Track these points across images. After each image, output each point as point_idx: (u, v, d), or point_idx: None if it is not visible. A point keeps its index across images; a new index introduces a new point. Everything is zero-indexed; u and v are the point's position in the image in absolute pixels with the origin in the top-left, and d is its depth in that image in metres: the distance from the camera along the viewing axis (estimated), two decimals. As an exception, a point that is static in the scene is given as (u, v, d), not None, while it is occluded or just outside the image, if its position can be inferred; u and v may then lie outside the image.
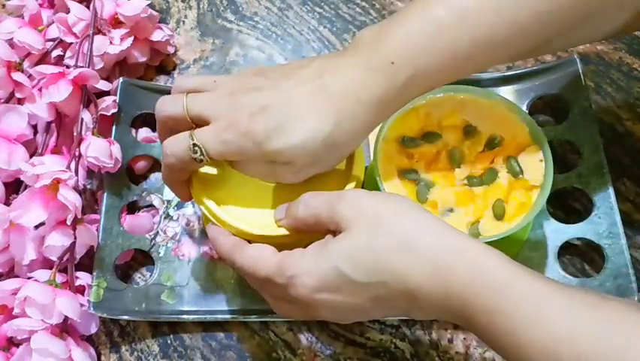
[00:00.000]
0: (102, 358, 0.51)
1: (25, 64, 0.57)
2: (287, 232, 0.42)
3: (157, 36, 0.62)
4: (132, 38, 0.59)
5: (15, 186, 0.53)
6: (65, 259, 0.49)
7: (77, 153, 0.53)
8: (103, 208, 0.54)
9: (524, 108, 0.56)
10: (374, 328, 0.51)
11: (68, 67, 0.57)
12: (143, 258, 0.55)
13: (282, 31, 0.65)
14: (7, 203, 0.52)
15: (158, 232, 0.55)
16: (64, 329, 0.48)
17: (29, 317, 0.46)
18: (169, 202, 0.56)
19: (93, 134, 0.54)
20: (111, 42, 0.58)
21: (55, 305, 0.47)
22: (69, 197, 0.48)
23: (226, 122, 0.40)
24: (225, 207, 0.45)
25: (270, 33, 0.65)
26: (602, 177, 0.52)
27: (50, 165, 0.50)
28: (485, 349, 0.50)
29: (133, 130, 0.59)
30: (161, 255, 0.54)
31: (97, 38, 0.58)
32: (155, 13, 0.63)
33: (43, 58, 0.58)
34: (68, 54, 0.59)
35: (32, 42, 0.56)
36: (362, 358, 0.50)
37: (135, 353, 0.51)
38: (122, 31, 0.59)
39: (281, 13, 0.67)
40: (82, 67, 0.56)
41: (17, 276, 0.51)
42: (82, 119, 0.54)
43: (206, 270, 0.53)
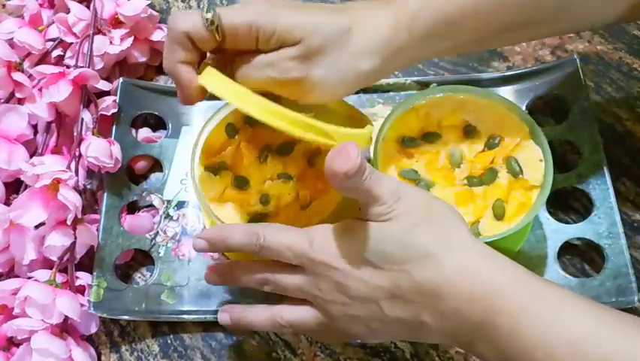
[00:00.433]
0: (102, 358, 0.51)
1: (25, 64, 0.57)
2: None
3: (157, 36, 0.62)
4: (132, 38, 0.59)
5: (15, 186, 0.54)
6: (65, 259, 0.49)
7: (77, 153, 0.53)
8: (103, 208, 0.54)
9: (524, 108, 0.56)
10: (374, 328, 0.51)
11: (68, 67, 0.57)
12: (143, 258, 0.55)
13: (282, 31, 0.65)
14: (7, 203, 0.52)
15: (158, 232, 0.55)
16: (64, 329, 0.48)
17: (29, 317, 0.46)
18: (169, 202, 0.56)
19: (93, 134, 0.54)
20: (111, 42, 0.58)
21: (55, 305, 0.47)
22: (69, 197, 0.48)
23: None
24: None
25: (270, 33, 0.65)
26: (602, 177, 0.52)
27: (50, 165, 0.50)
28: (485, 349, 0.49)
29: (133, 130, 0.59)
30: (161, 255, 0.54)
31: (97, 38, 0.58)
32: (155, 13, 0.63)
33: (43, 58, 0.58)
34: (68, 54, 0.59)
35: (32, 42, 0.56)
36: (362, 358, 0.50)
37: (135, 353, 0.51)
38: (122, 31, 0.59)
39: (281, 13, 0.66)
40: (82, 67, 0.56)
41: (17, 276, 0.51)
42: (82, 119, 0.54)
43: (206, 270, 0.53)
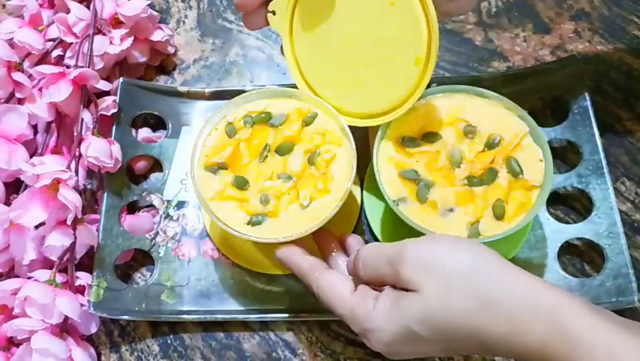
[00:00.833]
0: (102, 358, 0.51)
1: (25, 64, 0.57)
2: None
3: (157, 36, 0.62)
4: (132, 38, 0.59)
5: (15, 186, 0.54)
6: (65, 259, 0.49)
7: (77, 153, 0.53)
8: (103, 208, 0.54)
9: (524, 108, 0.56)
10: (374, 328, 0.51)
11: (68, 67, 0.57)
12: (143, 258, 0.55)
13: (282, 31, 0.65)
14: (7, 203, 0.52)
15: (158, 232, 0.55)
16: (64, 329, 0.48)
17: (29, 317, 0.46)
18: (169, 202, 0.56)
19: (93, 134, 0.54)
20: (111, 42, 0.58)
21: (55, 305, 0.47)
22: (69, 197, 0.48)
23: None
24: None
25: (270, 33, 0.65)
26: (602, 177, 0.52)
27: (50, 165, 0.50)
28: (485, 349, 0.50)
29: (133, 130, 0.59)
30: (161, 255, 0.54)
31: (97, 38, 0.58)
32: (155, 13, 0.63)
33: (43, 58, 0.58)
34: (68, 54, 0.59)
35: (32, 42, 0.56)
36: (362, 358, 0.50)
37: (135, 353, 0.51)
38: (122, 31, 0.59)
39: (281, 13, 0.67)
40: (82, 67, 0.56)
41: (17, 276, 0.51)
42: (82, 119, 0.54)
43: (206, 270, 0.53)
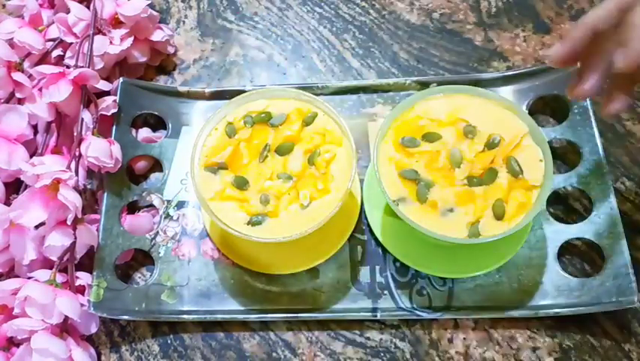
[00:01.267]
0: (102, 358, 0.51)
1: (25, 64, 0.57)
2: None
3: (157, 36, 0.62)
4: (132, 38, 0.59)
5: (15, 186, 0.54)
6: (65, 259, 0.49)
7: (77, 153, 0.53)
8: (103, 208, 0.54)
9: (524, 108, 0.56)
10: (374, 328, 0.51)
11: (68, 67, 0.57)
12: (143, 258, 0.55)
13: (282, 31, 0.65)
14: (7, 203, 0.52)
15: (158, 232, 0.55)
16: (64, 329, 0.48)
17: (29, 317, 0.46)
18: (169, 202, 0.56)
19: (93, 134, 0.54)
20: (111, 42, 0.58)
21: (55, 305, 0.47)
22: (69, 197, 0.48)
23: None
24: None
25: (270, 33, 0.65)
26: (602, 177, 0.52)
27: (50, 165, 0.50)
28: (485, 349, 0.50)
29: (133, 130, 0.59)
30: (161, 255, 0.54)
31: (97, 38, 0.58)
32: (155, 13, 0.63)
33: (43, 58, 0.58)
34: (68, 54, 0.59)
35: (32, 42, 0.56)
36: (362, 358, 0.50)
37: (135, 353, 0.51)
38: (122, 31, 0.59)
39: (281, 13, 0.67)
40: (82, 67, 0.56)
41: (17, 276, 0.51)
42: (82, 119, 0.54)
43: (206, 270, 0.53)
